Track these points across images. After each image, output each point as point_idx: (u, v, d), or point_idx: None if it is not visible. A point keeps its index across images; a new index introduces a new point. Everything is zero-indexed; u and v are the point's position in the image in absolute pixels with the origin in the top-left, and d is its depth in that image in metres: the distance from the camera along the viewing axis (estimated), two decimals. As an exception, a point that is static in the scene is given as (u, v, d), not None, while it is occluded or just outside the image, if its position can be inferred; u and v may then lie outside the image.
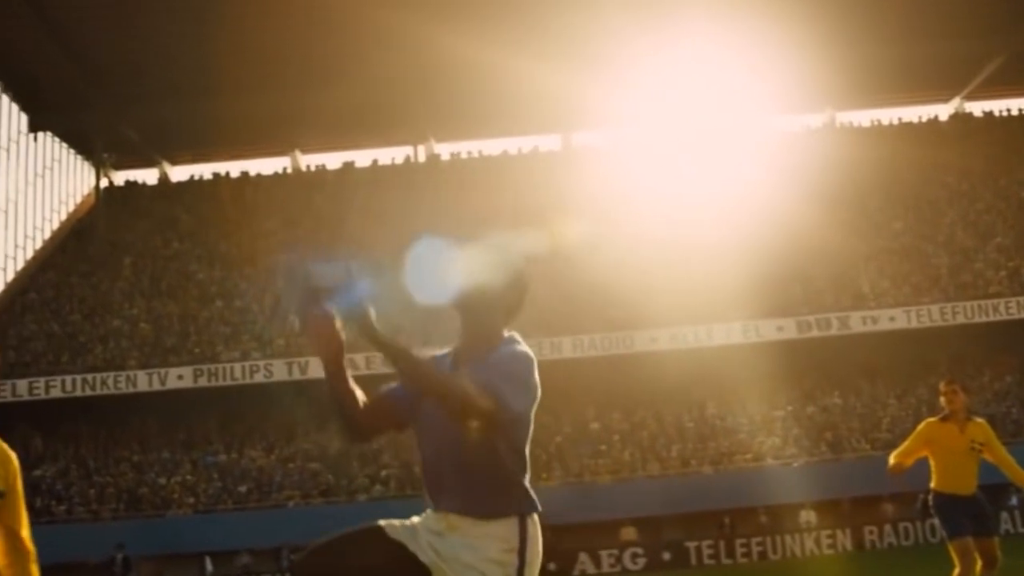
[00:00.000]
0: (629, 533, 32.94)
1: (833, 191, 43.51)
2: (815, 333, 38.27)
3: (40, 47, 45.15)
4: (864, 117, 53.86)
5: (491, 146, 53.05)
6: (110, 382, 37.84)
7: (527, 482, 3.91)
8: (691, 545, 31.62)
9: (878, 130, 52.44)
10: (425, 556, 3.82)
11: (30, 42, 44.99)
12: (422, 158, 51.93)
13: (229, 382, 37.65)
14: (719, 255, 38.67)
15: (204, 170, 54.48)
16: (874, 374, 38.52)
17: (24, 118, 49.93)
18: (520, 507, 3.86)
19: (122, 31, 44.49)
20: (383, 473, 35.21)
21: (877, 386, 38.11)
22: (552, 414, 36.77)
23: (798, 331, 38.32)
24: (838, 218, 42.52)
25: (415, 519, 3.96)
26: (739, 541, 31.65)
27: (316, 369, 37.47)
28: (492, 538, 3.80)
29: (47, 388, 37.67)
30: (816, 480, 33.29)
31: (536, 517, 3.90)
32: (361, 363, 32.55)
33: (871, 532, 31.67)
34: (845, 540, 31.48)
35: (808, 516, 32.64)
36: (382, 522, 3.92)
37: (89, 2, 43.33)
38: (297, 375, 37.48)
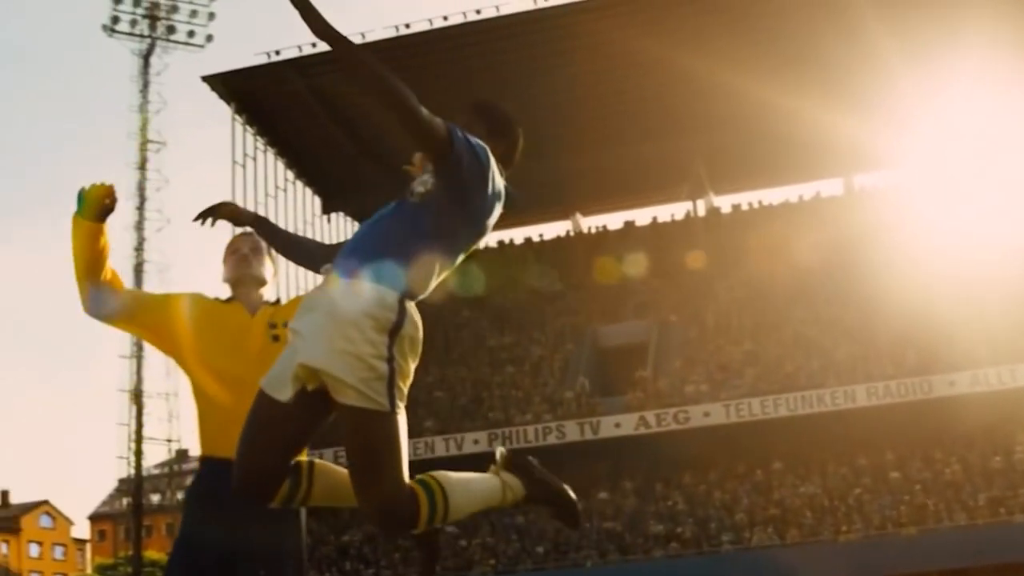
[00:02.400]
0: (938, 586, 31.76)
1: None
2: None
3: (329, 137, 47.71)
4: None
5: (771, 195, 52.51)
6: (409, 449, 38.99)
7: (427, 284, 3.86)
8: (1005, 597, 30.26)
9: None
10: (292, 386, 3.74)
11: (320, 133, 47.62)
12: (702, 212, 51.85)
13: (523, 445, 38.25)
14: (1017, 292, 37.11)
15: (489, 239, 55.79)
16: None
17: (318, 201, 52.59)
18: (405, 290, 3.76)
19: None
20: (679, 530, 35.07)
21: None
22: (849, 465, 35.94)
23: (1111, 367, 36.30)
24: None
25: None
26: (1058, 592, 30.08)
27: (608, 429, 37.97)
28: (368, 296, 3.71)
29: (352, 457, 39.12)
30: None
31: (416, 311, 3.82)
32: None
33: None
34: None
35: None
36: (262, 381, 3.85)
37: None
38: (589, 435, 37.84)
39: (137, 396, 47.74)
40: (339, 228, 53.77)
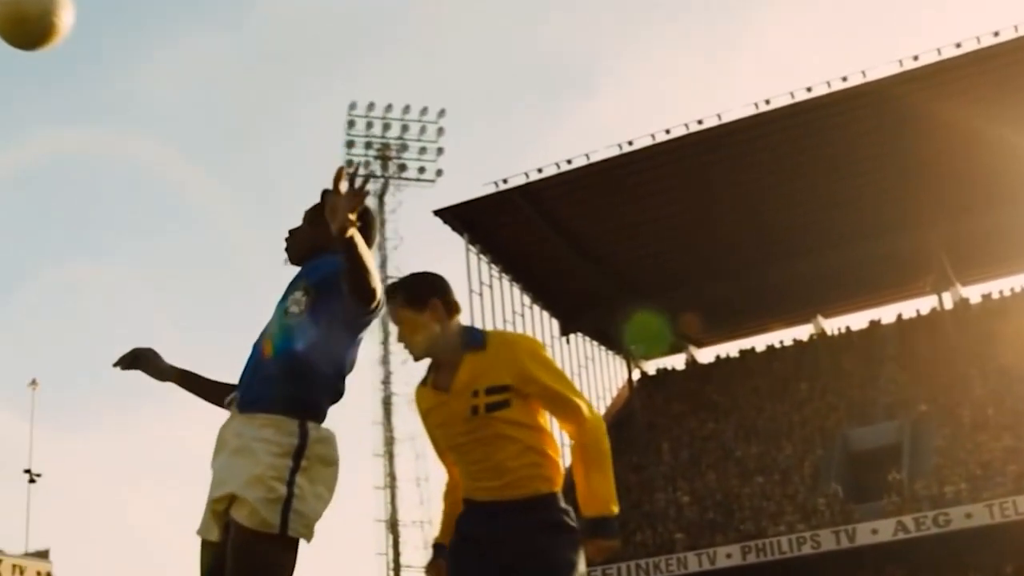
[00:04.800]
0: None
1: None
2: None
3: (562, 258, 48.44)
4: None
5: (1022, 281, 50.67)
6: (662, 566, 38.59)
7: (326, 401, 3.94)
8: None
9: None
10: (215, 526, 3.85)
11: (553, 255, 48.38)
12: (949, 305, 50.21)
13: (777, 556, 37.33)
14: None
15: (730, 348, 55.46)
16: None
17: (556, 323, 53.13)
18: (304, 413, 3.84)
19: (629, 231, 47.05)
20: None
21: None
22: None
23: None
24: None
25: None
26: None
27: (864, 535, 36.68)
28: (266, 426, 3.82)
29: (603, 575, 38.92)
30: None
31: (323, 431, 3.87)
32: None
33: None
34: None
35: None
36: (196, 529, 3.95)
37: (598, 210, 46.19)
38: (845, 543, 36.62)
39: (393, 526, 48.73)
40: (578, 348, 54.18)
